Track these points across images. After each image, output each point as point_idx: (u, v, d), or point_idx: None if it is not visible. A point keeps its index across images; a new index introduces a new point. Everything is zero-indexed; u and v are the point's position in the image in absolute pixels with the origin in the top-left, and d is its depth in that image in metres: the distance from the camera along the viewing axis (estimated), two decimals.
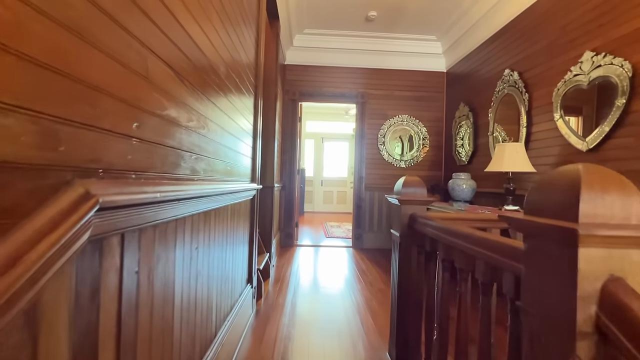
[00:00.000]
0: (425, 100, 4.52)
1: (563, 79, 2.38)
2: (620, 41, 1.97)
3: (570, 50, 2.34)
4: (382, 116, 4.51)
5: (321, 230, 6.09)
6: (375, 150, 4.50)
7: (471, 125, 3.69)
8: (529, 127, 2.76)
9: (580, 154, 2.22)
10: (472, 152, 3.70)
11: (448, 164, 4.37)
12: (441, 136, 4.53)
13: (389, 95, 4.51)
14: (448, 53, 4.31)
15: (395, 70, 4.51)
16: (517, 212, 2.40)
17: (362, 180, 4.46)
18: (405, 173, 4.51)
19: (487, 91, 3.43)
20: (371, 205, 4.50)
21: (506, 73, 3.07)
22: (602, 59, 2.07)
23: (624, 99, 1.92)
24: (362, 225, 4.49)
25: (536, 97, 2.69)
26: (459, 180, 3.27)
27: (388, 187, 4.50)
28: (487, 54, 3.43)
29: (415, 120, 4.51)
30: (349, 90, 4.46)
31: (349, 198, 9.12)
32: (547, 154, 2.54)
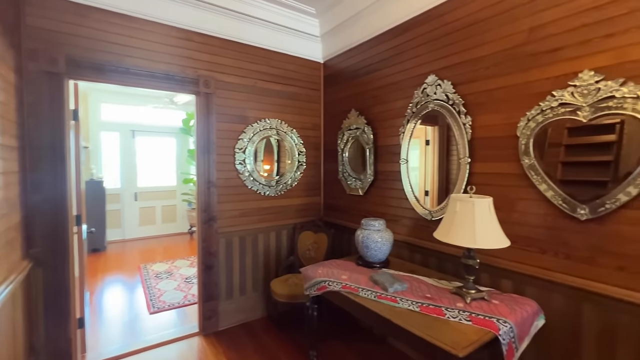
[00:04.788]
0: (300, 99, 3.22)
1: (539, 105, 1.62)
2: None
3: (550, 65, 1.59)
4: (240, 119, 2.87)
5: (136, 288, 3.82)
6: (231, 172, 2.84)
7: (371, 143, 2.70)
8: (472, 165, 1.96)
9: (579, 223, 1.52)
10: (371, 180, 2.73)
11: (331, 190, 3.31)
12: (319, 150, 3.40)
13: (250, 87, 2.91)
14: (328, 38, 3.14)
15: (258, 48, 2.93)
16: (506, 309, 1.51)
17: (213, 223, 2.73)
18: (278, 204, 3.12)
19: (395, 101, 2.49)
20: (229, 259, 2.86)
21: (430, 80, 2.17)
22: (619, 86, 1.36)
23: None
24: (216, 294, 2.78)
25: (483, 124, 1.90)
26: (373, 231, 2.20)
27: (255, 227, 2.97)
28: (397, 48, 2.45)
29: (288, 127, 3.14)
30: (180, 69, 2.54)
31: (181, 214, 6.82)
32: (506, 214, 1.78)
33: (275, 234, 3.12)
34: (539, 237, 1.66)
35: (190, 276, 4.20)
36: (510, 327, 1.42)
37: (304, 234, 3.14)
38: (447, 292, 1.74)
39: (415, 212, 2.33)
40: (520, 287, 1.74)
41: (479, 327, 1.39)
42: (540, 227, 1.65)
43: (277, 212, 3.11)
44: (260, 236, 3.03)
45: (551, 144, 1.61)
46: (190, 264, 4.74)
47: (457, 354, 1.22)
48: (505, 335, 1.39)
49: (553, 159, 1.60)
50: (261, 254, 3.05)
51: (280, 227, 3.14)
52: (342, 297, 1.84)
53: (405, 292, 1.75)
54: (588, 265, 1.49)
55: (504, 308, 1.54)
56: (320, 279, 2.00)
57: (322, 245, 3.03)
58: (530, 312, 1.56)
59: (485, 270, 1.86)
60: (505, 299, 1.64)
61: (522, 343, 1.49)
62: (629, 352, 1.38)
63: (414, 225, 2.36)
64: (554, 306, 1.61)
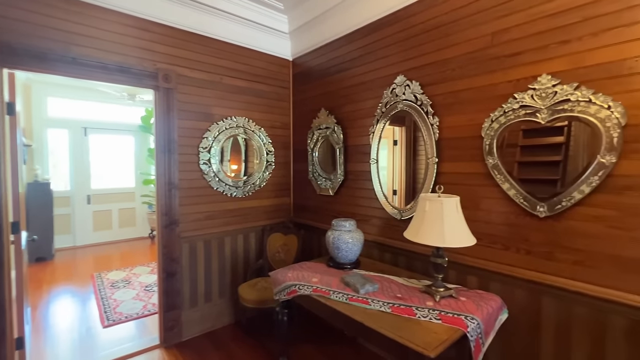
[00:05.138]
0: (268, 96, 3.13)
1: (502, 107, 1.68)
2: (602, 70, 1.38)
3: (512, 68, 1.65)
4: (204, 116, 2.71)
5: (89, 300, 3.50)
6: (195, 172, 2.68)
7: (341, 143, 2.68)
8: (439, 164, 2.00)
9: (538, 220, 1.59)
10: (342, 180, 2.71)
11: (301, 190, 3.24)
12: (288, 150, 3.32)
13: (215, 83, 2.76)
14: (297, 35, 3.07)
15: (224, 43, 2.80)
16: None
17: (174, 228, 2.55)
18: (246, 205, 3.00)
19: (365, 100, 2.48)
20: (193, 265, 2.70)
21: (399, 81, 2.19)
22: (573, 90, 1.44)
23: (612, 156, 1.35)
24: (178, 303, 2.61)
25: (450, 125, 1.94)
26: (344, 232, 2.17)
27: (221, 230, 2.83)
28: (366, 47, 2.45)
29: (256, 126, 3.03)
30: (137, 61, 2.34)
31: (141, 217, 6.40)
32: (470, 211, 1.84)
33: (243, 236, 3.00)
34: (503, 234, 1.72)
35: (151, 284, 3.93)
36: (477, 324, 1.45)
37: (274, 236, 3.05)
38: (417, 291, 1.76)
39: (385, 212, 2.34)
40: (485, 283, 1.79)
41: (449, 326, 1.40)
42: (503, 224, 1.71)
43: (245, 214, 2.99)
44: (227, 240, 2.89)
45: (509, 144, 1.67)
46: (151, 270, 4.44)
47: (429, 354, 1.22)
48: (473, 332, 1.42)
49: (511, 158, 1.67)
50: (228, 259, 2.91)
51: (248, 230, 3.02)
52: (313, 301, 1.79)
53: (377, 292, 1.74)
54: (547, 260, 1.56)
55: (471, 305, 1.57)
56: (290, 283, 1.93)
57: (292, 247, 2.96)
58: (494, 307, 1.61)
59: (452, 267, 1.90)
60: (471, 295, 1.68)
61: (488, 338, 1.53)
62: (583, 341, 1.46)
63: (384, 225, 2.37)
64: (516, 300, 1.67)
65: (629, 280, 1.33)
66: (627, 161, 1.32)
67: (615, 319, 1.37)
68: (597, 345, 1.42)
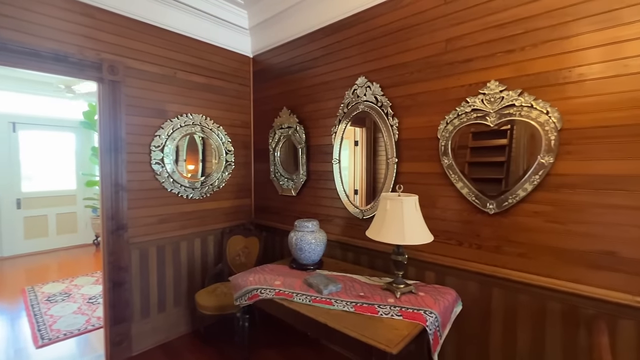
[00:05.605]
0: (227, 94, 3.00)
1: (455, 110, 1.77)
2: (541, 78, 1.51)
3: (464, 74, 1.75)
4: (157, 112, 2.53)
5: (19, 318, 3.09)
6: (146, 173, 2.48)
7: (303, 143, 2.65)
8: (399, 164, 2.06)
9: (488, 216, 1.70)
10: (304, 181, 2.69)
11: (262, 191, 3.16)
12: (249, 149, 3.22)
13: (169, 77, 2.59)
14: (258, 31, 2.99)
15: (179, 35, 2.63)
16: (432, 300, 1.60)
17: (123, 233, 2.34)
18: (203, 207, 2.85)
19: (327, 100, 2.48)
20: (144, 273, 2.50)
21: (360, 82, 2.22)
22: (517, 96, 1.56)
23: (550, 157, 1.49)
24: (127, 315, 2.39)
25: (408, 126, 2.01)
26: (307, 233, 2.14)
27: (176, 234, 2.66)
28: (328, 47, 2.45)
29: (214, 124, 2.89)
30: (77, 50, 2.11)
31: (83, 222, 5.82)
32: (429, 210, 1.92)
33: (200, 240, 2.84)
34: (457, 231, 1.81)
35: (96, 295, 3.58)
36: (435, 317, 1.51)
37: (234, 238, 2.94)
38: (379, 288, 1.79)
39: (347, 212, 2.36)
40: (442, 277, 1.88)
41: (409, 321, 1.44)
42: (457, 221, 1.81)
43: (202, 216, 2.84)
44: (183, 244, 2.73)
45: (461, 146, 1.78)
46: (95, 281, 4.05)
47: (391, 351, 1.24)
48: (432, 325, 1.47)
49: (462, 159, 1.77)
50: (184, 264, 2.74)
51: (206, 233, 2.87)
52: (276, 305, 1.74)
53: (340, 292, 1.74)
54: (496, 253, 1.67)
55: (429, 299, 1.64)
56: (251, 287, 1.86)
57: (253, 249, 2.87)
58: (450, 300, 1.69)
59: (412, 264, 1.97)
60: (429, 290, 1.75)
61: (445, 330, 1.61)
62: (526, 325, 1.59)
63: (347, 225, 2.39)
64: (469, 292, 1.77)
65: (564, 269, 1.47)
66: (563, 162, 1.47)
67: (553, 304, 1.51)
68: (538, 328, 1.55)
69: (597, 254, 1.40)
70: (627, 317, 1.33)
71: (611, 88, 1.35)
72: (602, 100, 1.37)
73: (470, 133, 1.73)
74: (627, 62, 1.31)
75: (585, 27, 1.40)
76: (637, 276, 1.31)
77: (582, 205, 1.42)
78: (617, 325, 1.35)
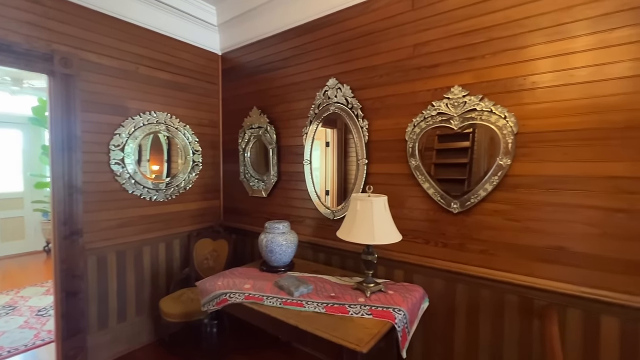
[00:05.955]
0: (194, 91, 2.89)
1: (422, 113, 1.84)
2: (500, 85, 1.61)
3: (431, 79, 1.82)
4: (117, 109, 2.38)
5: None
6: (105, 174, 2.32)
7: (274, 143, 2.62)
8: (369, 166, 2.09)
9: (453, 215, 1.77)
10: (275, 181, 2.65)
11: (231, 192, 3.08)
12: (217, 149, 3.12)
13: (130, 72, 2.44)
14: (227, 28, 2.91)
15: (142, 29, 2.49)
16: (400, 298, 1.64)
17: (77, 238, 2.17)
18: (169, 210, 2.72)
19: (298, 101, 2.47)
20: (103, 280, 2.33)
21: (331, 84, 2.23)
22: (478, 101, 1.65)
23: (508, 159, 1.59)
24: (83, 326, 2.22)
25: (378, 128, 2.05)
26: (277, 234, 2.11)
27: (139, 238, 2.51)
28: (300, 48, 2.44)
29: (180, 123, 2.77)
30: (23, 39, 1.93)
31: (32, 227, 5.34)
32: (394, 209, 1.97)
33: (165, 244, 2.71)
34: (424, 230, 1.88)
35: (46, 307, 3.30)
36: (404, 315, 1.55)
37: (201, 241, 2.83)
38: (350, 288, 1.80)
39: (318, 212, 2.36)
40: (410, 275, 1.93)
41: (379, 320, 1.47)
42: (424, 220, 1.87)
43: (167, 219, 2.71)
44: (146, 249, 2.58)
45: (427, 147, 1.84)
46: (46, 291, 3.73)
47: (361, 350, 1.25)
48: (400, 323, 1.51)
49: (429, 160, 1.84)
50: (148, 270, 2.60)
51: (171, 237, 2.74)
52: (245, 309, 1.70)
53: (311, 294, 1.73)
54: (460, 251, 1.75)
55: (398, 297, 1.68)
56: (220, 292, 1.80)
57: (222, 253, 2.79)
58: (418, 297, 1.75)
59: (382, 263, 2.01)
60: (398, 288, 1.80)
61: (413, 326, 1.65)
62: (487, 318, 1.68)
63: (318, 225, 2.39)
64: (435, 289, 1.84)
65: (521, 264, 1.57)
66: (519, 163, 1.57)
67: (511, 297, 1.61)
68: (498, 320, 1.64)
69: (549, 249, 1.51)
70: (574, 306, 1.45)
71: (560, 96, 1.46)
72: (553, 106, 1.48)
73: (436, 135, 1.80)
74: (573, 73, 1.43)
75: (537, 39, 1.50)
76: (582, 268, 1.43)
77: (536, 203, 1.53)
78: (566, 313, 1.47)
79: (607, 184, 1.37)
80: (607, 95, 1.36)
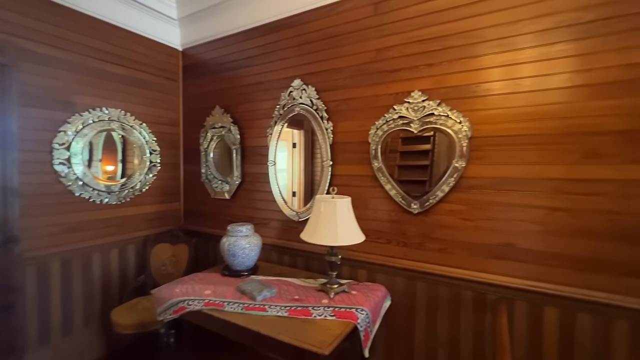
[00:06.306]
0: (152, 88, 2.74)
1: (384, 116, 1.88)
2: (455, 91, 1.69)
3: (392, 83, 1.87)
4: (62, 105, 2.18)
5: None
6: (47, 175, 2.12)
7: (237, 144, 2.54)
8: (333, 167, 2.11)
9: (413, 216, 1.83)
10: (239, 183, 2.58)
11: (193, 194, 2.95)
12: (177, 149, 2.98)
13: (79, 65, 2.25)
14: (188, 23, 2.79)
15: (93, 18, 2.31)
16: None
17: (13, 246, 1.95)
18: (122, 213, 2.54)
19: (263, 101, 2.43)
20: (44, 292, 2.12)
21: (296, 84, 2.22)
22: (436, 106, 1.72)
23: (463, 161, 1.67)
24: (18, 344, 1.99)
25: (342, 130, 2.07)
26: (240, 237, 2.05)
27: (87, 245, 2.31)
28: (265, 47, 2.40)
29: (136, 120, 2.61)
30: None
31: None
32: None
33: (118, 250, 2.53)
34: (386, 230, 1.92)
35: None
36: (366, 314, 1.57)
37: (159, 246, 2.68)
38: (314, 290, 1.80)
39: (283, 214, 2.33)
40: (373, 274, 1.97)
41: (342, 320, 1.47)
42: (386, 221, 1.92)
43: (121, 223, 2.53)
44: (96, 256, 2.39)
45: (391, 150, 1.90)
46: None
47: (323, 352, 1.25)
48: (362, 322, 1.53)
49: (392, 162, 1.89)
50: (98, 278, 2.41)
51: (125, 242, 2.56)
52: (205, 317, 1.63)
53: (274, 297, 1.70)
54: (419, 250, 1.81)
55: (361, 297, 1.70)
56: (177, 300, 1.71)
57: (182, 258, 2.66)
58: (380, 296, 1.78)
59: (346, 263, 2.02)
60: (361, 288, 1.82)
61: (375, 325, 1.68)
62: (445, 313, 1.75)
63: (283, 227, 2.36)
64: (397, 287, 1.89)
65: (475, 261, 1.66)
66: (473, 166, 1.66)
67: (466, 293, 1.69)
68: (454, 315, 1.72)
69: (499, 246, 1.60)
70: (521, 299, 1.55)
71: (509, 103, 1.57)
72: (503, 113, 1.58)
73: (400, 138, 1.85)
74: (519, 82, 1.54)
75: (489, 49, 1.60)
76: (528, 263, 1.54)
77: (488, 204, 1.62)
78: (514, 306, 1.57)
79: (548, 185, 1.49)
80: (548, 103, 1.49)
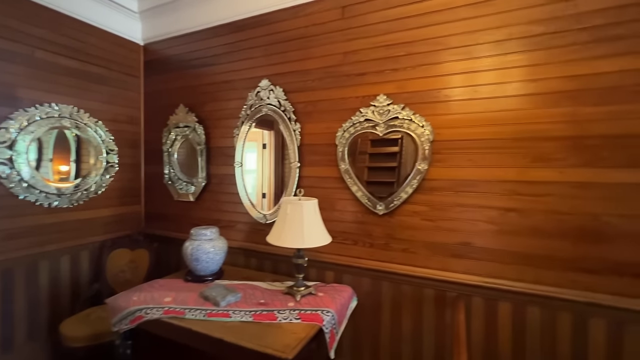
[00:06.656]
0: (110, 84, 2.57)
1: (351, 119, 1.91)
2: (418, 96, 1.75)
3: (359, 86, 1.90)
4: (2, 98, 1.98)
5: None
6: None
7: (203, 144, 2.46)
8: (301, 169, 2.10)
9: (378, 217, 1.86)
10: (204, 185, 2.49)
11: (154, 196, 2.80)
12: (138, 149, 2.82)
13: (24, 56, 2.06)
14: (150, 17, 2.66)
15: (39, 6, 2.12)
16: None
17: None
18: (74, 217, 2.36)
19: (229, 100, 2.37)
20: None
21: (263, 85, 2.19)
22: (401, 110, 1.77)
23: (425, 164, 1.73)
24: None
25: (310, 132, 2.07)
26: (204, 241, 1.98)
27: (32, 252, 2.12)
28: (232, 45, 2.33)
29: (91, 118, 2.44)
30: None
31: None
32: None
33: (70, 257, 2.34)
34: (352, 231, 1.94)
35: None
36: (332, 316, 1.57)
37: (117, 252, 2.52)
38: (280, 293, 1.77)
39: (250, 217, 2.28)
40: (340, 276, 1.98)
41: (307, 323, 1.46)
42: (353, 222, 1.94)
43: (72, 228, 2.35)
44: (43, 264, 2.20)
45: (361, 151, 1.92)
46: None
47: (287, 357, 1.23)
48: (328, 324, 1.53)
49: (362, 164, 1.91)
50: (45, 288, 2.21)
51: (78, 248, 2.38)
52: (164, 325, 1.55)
53: (239, 302, 1.66)
54: (384, 250, 1.85)
55: (327, 299, 1.70)
56: (134, 308, 1.61)
57: (141, 263, 2.52)
58: (346, 297, 1.79)
59: (313, 265, 2.02)
60: (328, 289, 1.82)
61: (341, 326, 1.69)
62: (409, 311, 1.80)
63: (250, 230, 2.31)
64: (363, 288, 1.91)
65: (436, 260, 1.73)
66: (434, 168, 1.72)
67: (428, 291, 1.75)
68: (417, 313, 1.78)
69: (458, 245, 1.68)
70: (478, 295, 1.63)
71: (468, 109, 1.65)
72: (462, 118, 1.66)
73: (369, 140, 1.88)
74: (477, 89, 1.63)
75: (449, 57, 1.67)
76: (484, 261, 1.62)
77: (448, 205, 1.69)
78: (472, 302, 1.65)
79: (502, 187, 1.58)
80: (502, 110, 1.58)
